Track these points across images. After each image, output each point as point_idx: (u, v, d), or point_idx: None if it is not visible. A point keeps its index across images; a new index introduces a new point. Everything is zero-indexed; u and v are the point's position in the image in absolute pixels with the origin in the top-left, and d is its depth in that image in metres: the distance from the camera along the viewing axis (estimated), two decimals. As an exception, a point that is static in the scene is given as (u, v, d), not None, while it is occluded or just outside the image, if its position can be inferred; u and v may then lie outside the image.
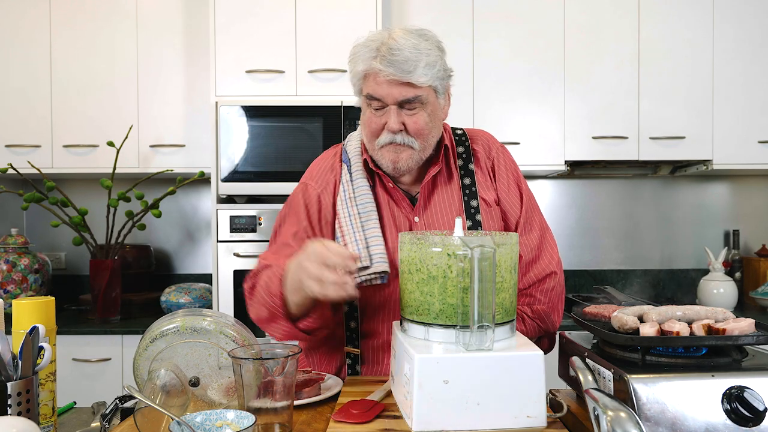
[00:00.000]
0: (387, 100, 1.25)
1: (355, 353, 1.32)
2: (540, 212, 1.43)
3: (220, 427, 0.89)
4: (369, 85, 1.27)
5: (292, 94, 2.54)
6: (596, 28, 2.75)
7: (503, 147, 1.45)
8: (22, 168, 2.57)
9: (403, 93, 1.24)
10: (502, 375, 0.90)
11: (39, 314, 1.06)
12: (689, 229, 3.12)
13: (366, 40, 1.28)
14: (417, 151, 1.29)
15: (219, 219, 2.46)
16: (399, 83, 1.23)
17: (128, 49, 2.74)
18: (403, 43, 1.22)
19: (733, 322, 0.92)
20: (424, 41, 1.25)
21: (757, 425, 0.81)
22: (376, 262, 1.26)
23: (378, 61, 1.23)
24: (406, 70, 1.21)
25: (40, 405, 1.05)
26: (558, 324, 1.38)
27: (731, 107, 2.74)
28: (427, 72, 1.23)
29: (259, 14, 2.54)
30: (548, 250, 1.38)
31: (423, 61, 1.22)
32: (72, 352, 2.44)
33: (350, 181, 1.36)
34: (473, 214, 1.34)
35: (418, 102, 1.25)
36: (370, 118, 1.30)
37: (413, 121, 1.26)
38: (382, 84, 1.24)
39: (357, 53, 1.29)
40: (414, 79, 1.22)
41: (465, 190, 1.36)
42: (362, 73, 1.28)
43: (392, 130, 1.26)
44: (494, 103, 2.74)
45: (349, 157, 1.40)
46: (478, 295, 0.90)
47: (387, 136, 1.28)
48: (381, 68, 1.22)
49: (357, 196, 1.33)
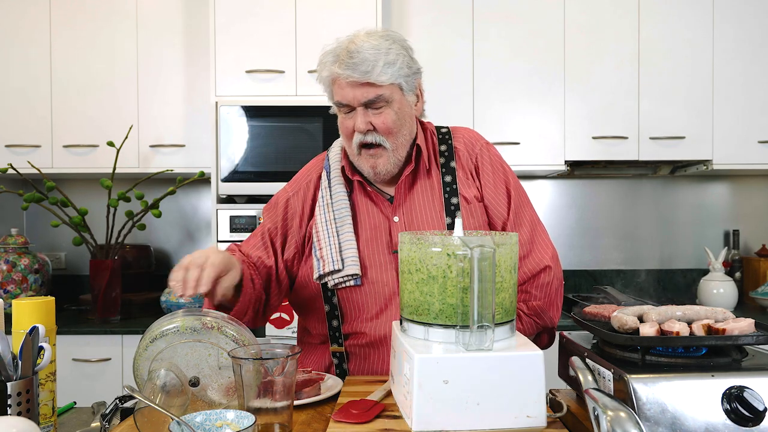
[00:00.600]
0: (353, 103, 1.29)
1: (341, 352, 1.36)
2: (531, 207, 1.43)
3: (220, 427, 0.89)
4: (335, 90, 1.31)
5: (292, 94, 2.54)
6: (596, 28, 2.75)
7: (488, 144, 1.45)
8: (22, 168, 2.57)
9: (365, 94, 1.27)
10: (502, 375, 0.90)
11: (39, 314, 1.06)
12: (689, 229, 3.12)
13: (330, 48, 1.32)
14: (390, 150, 1.32)
15: (219, 219, 2.46)
16: (359, 84, 1.27)
17: (128, 49, 2.74)
18: (362, 45, 1.26)
19: (733, 322, 0.92)
20: (384, 41, 1.28)
21: (757, 425, 0.81)
22: (347, 266, 1.32)
23: (337, 66, 1.27)
24: (364, 71, 1.25)
25: (40, 405, 1.05)
26: (557, 319, 1.38)
27: (731, 107, 2.74)
28: (386, 70, 1.26)
29: (259, 14, 2.55)
30: (540, 245, 1.37)
31: (381, 60, 1.25)
32: (72, 352, 2.44)
33: (329, 187, 1.40)
34: (453, 211, 1.36)
35: (382, 101, 1.28)
36: (341, 122, 1.34)
37: (381, 120, 1.29)
38: (345, 88, 1.28)
39: (321, 61, 1.32)
40: (373, 78, 1.25)
41: (446, 187, 1.38)
42: (327, 80, 1.31)
43: (359, 130, 1.30)
44: (494, 103, 2.74)
45: (330, 163, 1.43)
46: (478, 295, 0.90)
47: (358, 137, 1.32)
48: (340, 72, 1.26)
49: (334, 202, 1.38)
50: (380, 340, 1.32)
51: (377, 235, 1.36)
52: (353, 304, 1.35)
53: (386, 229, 1.36)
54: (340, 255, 1.32)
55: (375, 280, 1.34)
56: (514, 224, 1.38)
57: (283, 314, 2.23)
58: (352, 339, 1.36)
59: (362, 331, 1.34)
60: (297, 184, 1.46)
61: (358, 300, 1.35)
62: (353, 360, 1.36)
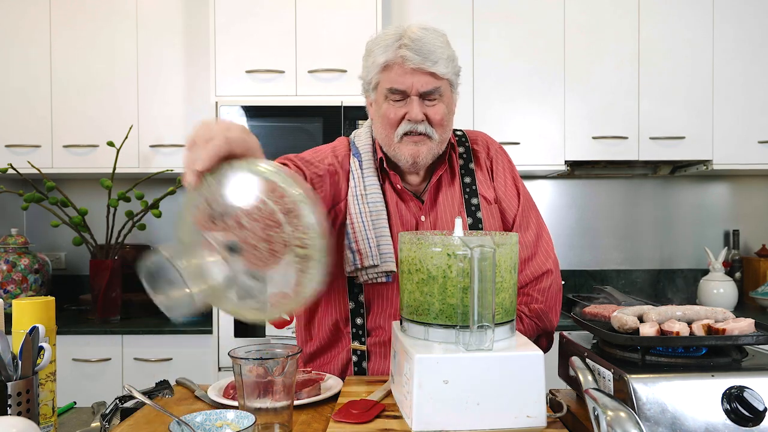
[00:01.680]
0: (410, 91, 1.26)
1: (362, 350, 1.34)
2: (537, 211, 1.44)
3: (220, 427, 0.89)
4: (390, 77, 1.26)
5: (292, 94, 2.54)
6: (596, 28, 2.75)
7: (501, 147, 1.47)
8: (22, 168, 2.57)
9: (425, 84, 1.25)
10: (502, 375, 0.90)
11: (39, 314, 1.06)
12: (689, 229, 3.12)
13: (381, 35, 1.28)
14: (435, 143, 1.30)
15: (219, 219, 2.45)
16: (424, 72, 1.24)
17: (128, 49, 2.74)
18: (424, 35, 1.24)
19: (733, 322, 0.92)
20: (440, 36, 1.28)
21: (757, 425, 0.81)
22: (384, 261, 1.28)
23: (405, 49, 1.23)
24: (432, 60, 1.24)
25: (40, 405, 1.05)
26: (556, 323, 1.39)
27: (731, 107, 2.74)
28: (448, 64, 1.26)
29: (259, 14, 2.55)
30: (544, 249, 1.39)
31: (445, 53, 1.26)
32: (72, 352, 2.44)
33: (361, 177, 1.35)
34: (474, 211, 1.36)
35: (437, 93, 1.27)
36: (388, 110, 1.29)
37: (434, 111, 1.28)
38: (405, 74, 1.25)
39: (376, 44, 1.28)
40: (438, 69, 1.24)
41: (465, 188, 1.38)
42: (382, 65, 1.26)
43: (416, 119, 1.26)
44: (494, 103, 2.74)
45: (359, 151, 1.38)
46: (478, 295, 0.90)
47: (407, 125, 1.27)
48: (409, 55, 1.23)
49: (368, 193, 1.33)
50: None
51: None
52: (380, 300, 1.33)
53: (413, 228, 1.36)
54: (378, 249, 1.28)
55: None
56: (520, 225, 1.39)
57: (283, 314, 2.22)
58: (374, 335, 1.33)
59: (383, 327, 1.33)
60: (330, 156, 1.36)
61: (385, 296, 1.33)
62: (373, 359, 1.34)
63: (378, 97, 1.31)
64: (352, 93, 2.51)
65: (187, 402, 1.15)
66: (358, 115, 2.48)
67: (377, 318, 1.34)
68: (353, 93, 2.51)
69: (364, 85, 1.35)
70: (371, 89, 1.33)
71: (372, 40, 1.30)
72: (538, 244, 1.38)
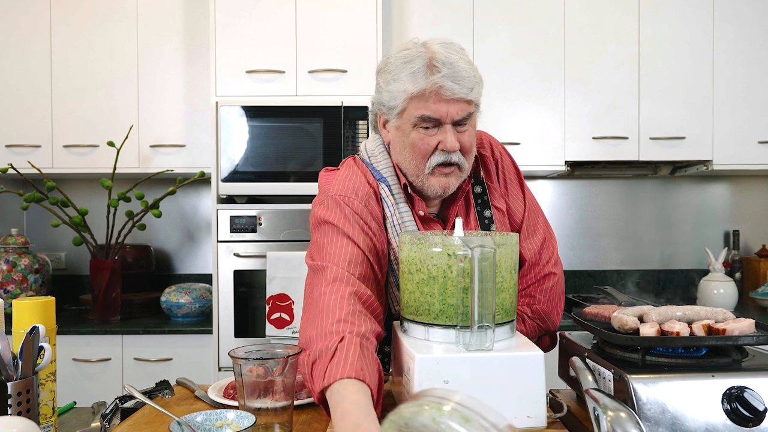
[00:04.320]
0: (445, 120, 1.18)
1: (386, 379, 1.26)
2: (543, 214, 1.42)
3: (220, 427, 0.89)
4: (425, 105, 1.17)
5: (292, 94, 2.54)
6: (596, 28, 2.75)
7: (504, 148, 1.43)
8: (22, 168, 2.57)
9: (460, 111, 1.18)
10: (502, 375, 0.90)
11: (39, 314, 1.06)
12: (689, 230, 3.12)
13: (403, 57, 1.19)
14: (465, 171, 1.24)
15: (219, 219, 2.46)
16: (460, 101, 1.17)
17: (128, 49, 2.74)
18: (454, 57, 1.16)
19: (733, 322, 0.92)
20: (463, 55, 1.20)
21: (757, 425, 0.81)
22: None
23: (441, 77, 1.14)
24: (469, 87, 1.16)
25: (40, 405, 1.05)
26: (558, 323, 1.39)
27: (731, 107, 2.74)
28: (478, 88, 1.19)
29: (259, 14, 2.55)
30: (548, 251, 1.38)
31: (477, 77, 1.19)
32: (72, 352, 2.44)
33: (395, 204, 1.27)
34: (487, 225, 1.31)
35: (469, 119, 1.21)
36: (420, 139, 1.20)
37: (466, 138, 1.21)
38: (440, 102, 1.16)
39: (401, 69, 1.18)
40: (473, 96, 1.18)
41: (477, 199, 1.33)
42: (416, 93, 1.17)
43: (453, 149, 1.19)
44: (494, 103, 2.73)
45: (383, 176, 1.29)
46: (479, 295, 0.90)
47: (441, 156, 1.20)
48: (449, 85, 1.14)
49: (403, 221, 1.26)
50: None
51: None
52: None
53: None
54: None
55: None
56: (527, 230, 1.36)
57: (283, 314, 2.23)
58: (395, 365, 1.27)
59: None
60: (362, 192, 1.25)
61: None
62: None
63: (404, 124, 1.22)
64: (352, 93, 2.51)
65: (187, 402, 1.15)
66: (359, 115, 2.48)
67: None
68: (353, 93, 2.51)
69: (382, 107, 1.25)
70: (394, 115, 1.23)
71: (392, 62, 1.20)
72: (543, 250, 1.37)
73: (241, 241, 2.45)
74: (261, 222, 2.45)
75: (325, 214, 1.22)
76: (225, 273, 2.45)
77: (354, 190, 1.25)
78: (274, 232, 2.44)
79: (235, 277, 2.44)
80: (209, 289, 2.72)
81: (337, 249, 1.16)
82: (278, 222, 2.45)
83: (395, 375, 1.05)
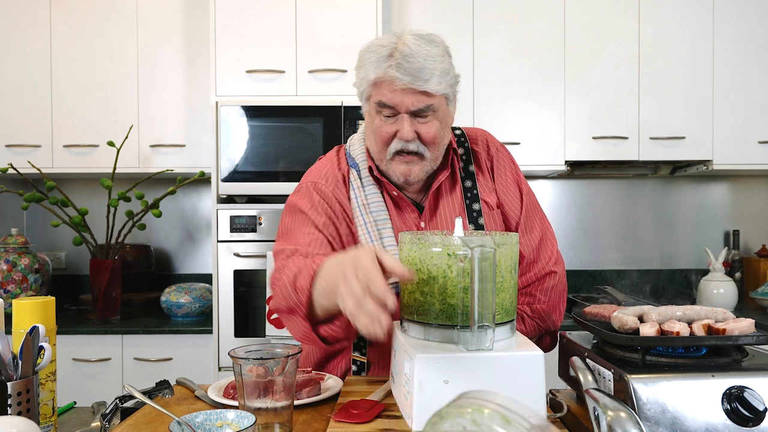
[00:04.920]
0: (400, 109, 1.22)
1: (362, 361, 1.32)
2: (541, 211, 1.42)
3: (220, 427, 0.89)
4: (381, 92, 1.22)
5: (293, 94, 2.54)
6: (596, 28, 2.75)
7: (501, 145, 1.43)
8: (22, 168, 2.57)
9: (416, 102, 1.20)
10: (502, 375, 0.90)
11: (39, 314, 1.06)
12: (689, 230, 3.12)
13: (374, 45, 1.23)
14: (428, 161, 1.26)
15: (219, 219, 2.46)
16: (414, 92, 1.19)
17: (128, 49, 2.74)
18: (417, 49, 1.18)
19: (733, 322, 0.92)
20: (435, 47, 1.21)
21: (757, 425, 0.81)
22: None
23: (394, 68, 1.18)
24: (422, 79, 1.18)
25: (40, 405, 1.05)
26: (559, 323, 1.38)
27: (731, 107, 2.74)
28: (441, 81, 1.20)
29: (259, 14, 2.55)
30: (548, 249, 1.37)
31: (438, 69, 1.19)
32: (72, 352, 2.44)
33: (362, 186, 1.32)
34: (475, 217, 1.32)
35: (430, 110, 1.22)
36: (380, 126, 1.25)
37: (426, 129, 1.23)
38: (395, 91, 1.20)
39: (366, 59, 1.23)
40: (429, 87, 1.19)
41: (466, 193, 1.34)
42: (373, 80, 1.23)
43: (406, 138, 1.22)
44: (494, 103, 2.74)
45: (356, 161, 1.35)
46: (479, 295, 0.90)
47: (398, 144, 1.24)
48: (397, 76, 1.18)
49: (370, 203, 1.30)
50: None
51: None
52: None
53: None
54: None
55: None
56: (525, 228, 1.36)
57: (283, 314, 2.23)
58: (375, 346, 1.31)
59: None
60: (331, 177, 1.34)
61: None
62: (373, 369, 1.32)
63: (370, 110, 1.28)
64: (352, 93, 2.47)
65: (187, 402, 1.15)
66: (359, 115, 2.48)
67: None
68: (353, 93, 2.47)
69: (357, 93, 1.32)
70: (364, 100, 1.29)
71: (365, 50, 1.25)
72: (542, 248, 1.36)
73: (241, 241, 2.45)
74: (261, 222, 2.45)
75: (296, 200, 1.33)
76: (225, 273, 2.45)
77: (324, 176, 1.35)
78: (274, 232, 2.44)
79: (235, 277, 2.44)
80: (209, 288, 2.72)
81: (304, 235, 1.27)
82: (278, 222, 2.45)
83: (395, 375, 1.05)
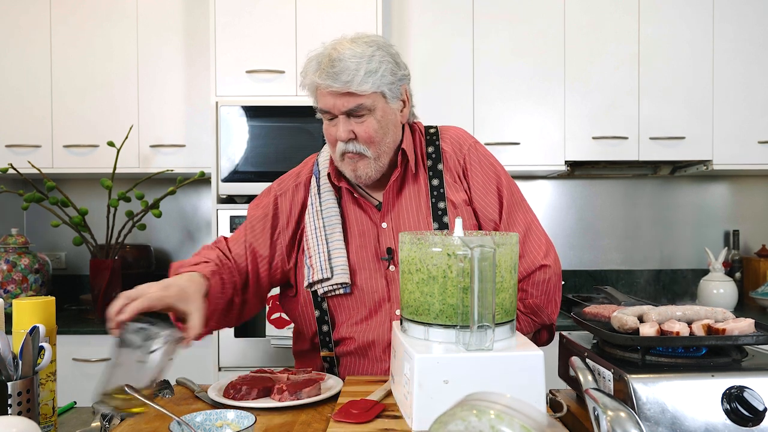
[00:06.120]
0: (334, 111, 1.27)
1: (331, 357, 1.36)
2: (526, 206, 1.41)
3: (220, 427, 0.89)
4: (319, 98, 1.29)
5: (292, 94, 2.54)
6: (596, 28, 2.75)
7: (476, 143, 1.42)
8: (22, 168, 2.57)
9: (345, 103, 1.25)
10: (502, 375, 0.90)
11: (39, 314, 1.06)
12: (689, 230, 3.12)
13: (312, 54, 1.30)
14: (372, 159, 1.30)
15: (219, 219, 2.46)
16: (340, 94, 1.24)
17: (128, 49, 2.74)
18: (344, 53, 1.24)
19: (733, 322, 0.92)
20: (368, 47, 1.26)
21: (756, 425, 0.82)
22: (336, 274, 1.31)
23: (318, 75, 1.25)
24: (344, 81, 1.22)
25: (41, 405, 1.05)
26: (555, 316, 1.38)
27: (731, 107, 2.74)
28: (367, 79, 1.23)
29: (259, 14, 2.55)
30: (535, 244, 1.36)
31: (363, 68, 1.23)
32: (72, 352, 2.44)
33: (318, 194, 1.38)
34: (440, 216, 1.34)
35: (363, 109, 1.26)
36: (326, 129, 1.32)
37: (362, 129, 1.28)
38: (326, 96, 1.26)
39: (305, 68, 1.31)
40: (354, 88, 1.23)
41: (432, 191, 1.36)
42: (313, 88, 1.30)
43: (340, 138, 1.28)
44: (494, 103, 2.73)
45: (319, 169, 1.42)
46: (478, 295, 0.90)
47: (340, 146, 1.30)
48: (320, 82, 1.24)
49: (324, 209, 1.37)
50: (369, 345, 1.34)
51: (366, 242, 1.36)
52: (342, 310, 1.36)
53: (374, 236, 1.36)
54: (329, 263, 1.32)
55: (364, 287, 1.34)
56: (507, 223, 1.36)
57: (283, 314, 2.22)
58: (342, 345, 1.37)
59: (351, 336, 1.35)
60: (284, 184, 1.44)
61: (348, 306, 1.36)
62: (343, 365, 1.37)
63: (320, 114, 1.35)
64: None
65: (187, 402, 1.15)
66: (358, 115, 2.48)
67: (342, 329, 1.36)
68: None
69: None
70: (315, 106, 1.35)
71: (306, 59, 1.31)
72: (527, 241, 1.36)
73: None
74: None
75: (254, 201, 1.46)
76: (225, 273, 2.44)
77: (283, 182, 1.45)
78: (274, 232, 2.44)
79: (235, 277, 2.44)
80: (209, 289, 2.72)
81: (237, 231, 1.43)
82: (278, 222, 2.45)
83: (395, 375, 1.05)
